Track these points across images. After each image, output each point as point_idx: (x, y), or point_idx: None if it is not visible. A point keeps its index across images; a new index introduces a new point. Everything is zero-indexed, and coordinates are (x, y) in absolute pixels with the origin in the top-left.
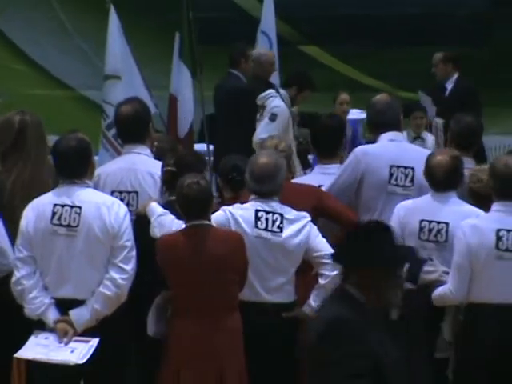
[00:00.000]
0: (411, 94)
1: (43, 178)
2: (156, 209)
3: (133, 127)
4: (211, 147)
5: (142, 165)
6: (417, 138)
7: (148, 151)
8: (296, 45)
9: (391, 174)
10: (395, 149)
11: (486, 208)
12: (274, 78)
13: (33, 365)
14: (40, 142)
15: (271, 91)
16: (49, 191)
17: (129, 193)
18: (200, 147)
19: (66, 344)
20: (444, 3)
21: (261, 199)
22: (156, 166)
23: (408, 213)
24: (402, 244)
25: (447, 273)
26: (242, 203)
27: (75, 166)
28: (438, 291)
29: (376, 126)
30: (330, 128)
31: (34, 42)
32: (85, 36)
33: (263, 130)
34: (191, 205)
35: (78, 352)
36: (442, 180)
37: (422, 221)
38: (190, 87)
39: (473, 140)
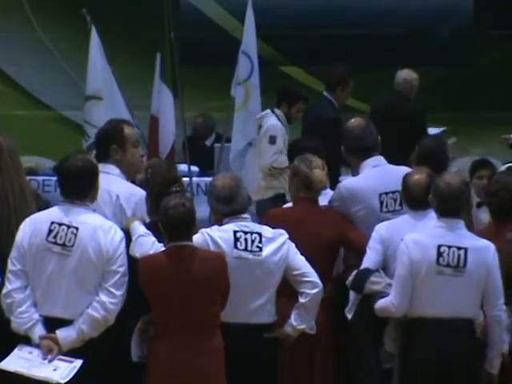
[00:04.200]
0: None
1: (27, 199)
2: (138, 228)
3: (97, 146)
4: (192, 168)
5: (106, 184)
6: (482, 204)
7: (115, 170)
8: (277, 65)
9: (381, 202)
10: (380, 175)
11: (503, 220)
12: (256, 99)
13: (10, 379)
14: (16, 164)
15: (268, 111)
16: (32, 213)
17: None
18: (181, 168)
19: (50, 361)
20: (426, 24)
21: (236, 219)
22: (117, 185)
23: (390, 233)
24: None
25: (392, 285)
26: (219, 225)
27: (78, 186)
28: (381, 303)
29: (357, 151)
30: None
31: (15, 63)
32: (66, 56)
33: (268, 155)
34: (176, 226)
35: (61, 371)
36: (422, 199)
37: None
38: (171, 108)
39: (436, 160)
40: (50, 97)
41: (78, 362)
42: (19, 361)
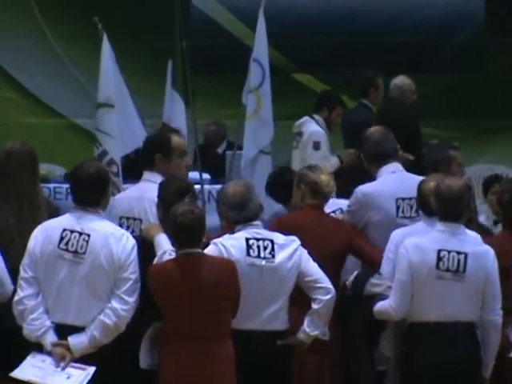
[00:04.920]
0: None
1: (38, 209)
2: (164, 243)
3: (143, 155)
4: (204, 176)
5: (151, 193)
6: (499, 222)
7: (160, 179)
8: (289, 73)
9: (398, 207)
10: (398, 181)
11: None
12: (267, 107)
13: None
14: (29, 172)
15: (306, 118)
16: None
17: (134, 219)
18: (193, 176)
19: (63, 369)
20: (437, 31)
21: (247, 227)
22: None
23: (405, 239)
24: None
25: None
26: (231, 233)
27: (90, 193)
28: (380, 305)
29: (375, 158)
30: None
31: (27, 70)
32: (78, 64)
33: (314, 161)
34: (185, 233)
35: (74, 379)
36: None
37: None
38: (183, 116)
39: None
40: (61, 104)
41: (91, 369)
42: (32, 369)
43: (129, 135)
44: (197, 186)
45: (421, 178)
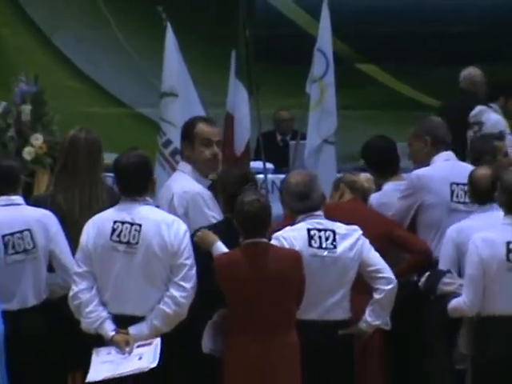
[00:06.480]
0: None
1: (101, 197)
2: (220, 250)
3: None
4: (267, 165)
5: (171, 181)
6: None
7: (187, 167)
8: (353, 63)
9: (452, 192)
10: (452, 167)
11: None
12: (331, 97)
13: None
14: (94, 160)
15: (483, 107)
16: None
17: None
18: (256, 165)
19: (130, 353)
20: (502, 21)
21: (309, 217)
22: (176, 183)
23: (461, 233)
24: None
25: None
26: (291, 224)
27: (136, 182)
28: (453, 303)
29: (443, 144)
30: None
31: (91, 60)
32: (141, 53)
33: None
34: (252, 222)
35: (147, 356)
36: (489, 191)
37: None
38: (246, 105)
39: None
40: (126, 94)
41: (158, 340)
42: (103, 366)
43: None
44: (260, 176)
45: (473, 167)
